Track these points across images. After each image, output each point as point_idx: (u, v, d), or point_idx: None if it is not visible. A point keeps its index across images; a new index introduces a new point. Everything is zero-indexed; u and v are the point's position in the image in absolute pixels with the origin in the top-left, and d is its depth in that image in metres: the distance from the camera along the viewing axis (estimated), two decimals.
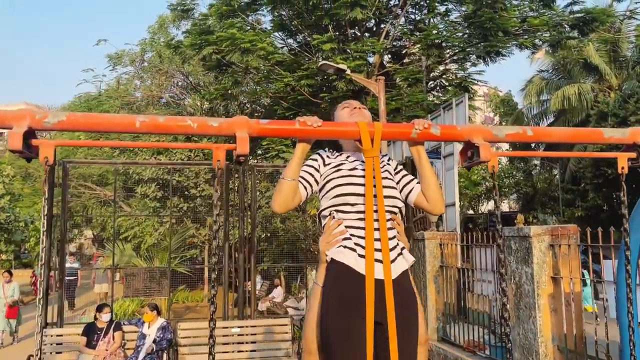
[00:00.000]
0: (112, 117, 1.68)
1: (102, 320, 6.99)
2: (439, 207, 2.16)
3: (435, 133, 1.92)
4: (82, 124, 1.67)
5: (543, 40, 13.49)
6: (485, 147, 1.88)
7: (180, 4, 14.40)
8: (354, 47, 11.78)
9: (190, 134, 1.76)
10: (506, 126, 2.07)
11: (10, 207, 17.81)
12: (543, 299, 5.41)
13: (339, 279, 2.00)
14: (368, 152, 1.93)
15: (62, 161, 7.52)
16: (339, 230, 2.06)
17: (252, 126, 1.78)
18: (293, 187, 2.01)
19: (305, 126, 1.84)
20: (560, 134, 2.01)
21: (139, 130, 1.71)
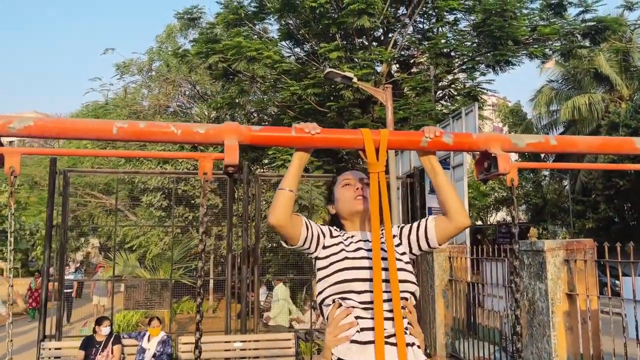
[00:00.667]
0: (87, 122, 1.50)
1: (102, 333, 6.79)
2: (463, 219, 1.88)
3: (448, 142, 1.73)
4: (51, 130, 1.49)
5: (554, 50, 13.28)
6: (504, 158, 1.68)
7: (187, 13, 14.34)
8: (361, 55, 11.63)
9: (173, 141, 1.57)
10: (527, 135, 1.87)
11: (15, 215, 17.76)
12: (558, 317, 5.17)
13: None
14: (373, 166, 1.73)
15: (64, 170, 7.38)
16: (347, 321, 1.78)
17: (242, 133, 1.59)
18: (290, 198, 1.79)
19: (302, 133, 1.65)
20: (587, 143, 1.81)
21: (116, 137, 1.53)
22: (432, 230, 1.91)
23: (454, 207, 1.86)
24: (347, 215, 2.00)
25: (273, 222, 1.77)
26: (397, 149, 1.78)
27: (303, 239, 1.88)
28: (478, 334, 6.96)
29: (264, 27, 15.05)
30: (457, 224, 1.87)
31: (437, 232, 1.91)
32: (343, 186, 2.03)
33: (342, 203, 2.01)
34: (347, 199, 1.99)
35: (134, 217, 18.62)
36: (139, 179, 16.34)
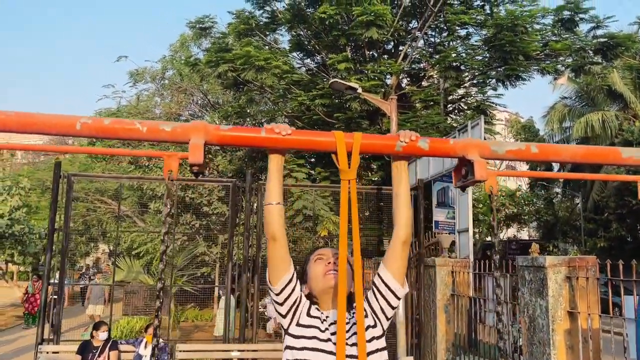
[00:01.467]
0: (50, 117, 1.48)
1: (99, 338, 6.77)
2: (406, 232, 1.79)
3: (423, 147, 1.67)
4: (14, 124, 1.46)
5: (565, 65, 13.18)
6: (481, 164, 1.62)
7: (199, 22, 14.46)
8: (370, 67, 11.62)
9: (138, 139, 1.54)
10: (507, 142, 1.81)
11: (25, 219, 17.86)
12: (558, 335, 5.05)
13: None
14: (344, 173, 1.67)
15: (68, 174, 7.41)
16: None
17: (210, 132, 1.55)
18: (280, 210, 1.74)
19: (273, 134, 1.61)
20: (570, 152, 1.74)
21: (80, 133, 1.50)
22: (388, 276, 1.82)
23: (406, 221, 1.80)
24: (318, 294, 1.88)
25: (269, 234, 1.71)
26: (371, 153, 1.73)
27: (282, 286, 1.78)
28: (479, 350, 6.84)
29: (274, 38, 15.14)
30: (402, 237, 1.80)
31: (392, 273, 1.81)
32: (315, 261, 1.93)
33: (314, 280, 1.90)
34: (318, 275, 1.88)
35: (143, 224, 18.68)
36: (147, 186, 16.42)
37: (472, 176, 1.65)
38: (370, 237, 12.35)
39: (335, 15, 11.23)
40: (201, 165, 1.52)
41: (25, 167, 31.23)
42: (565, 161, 1.74)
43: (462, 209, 8.50)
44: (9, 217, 16.92)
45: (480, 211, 25.73)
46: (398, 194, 1.81)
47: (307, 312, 1.84)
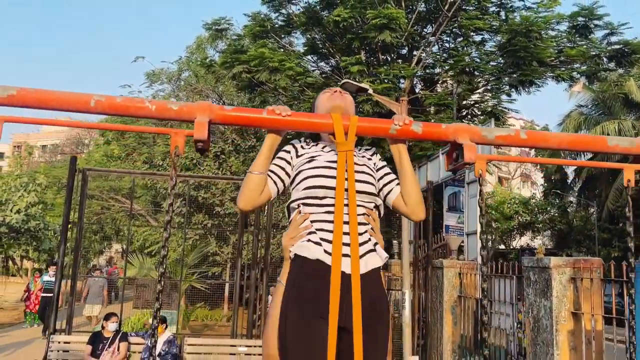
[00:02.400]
0: (67, 94, 1.59)
1: (109, 329, 6.92)
2: (418, 212, 1.95)
3: (417, 130, 1.76)
4: (33, 100, 1.58)
5: (580, 72, 13.14)
6: (470, 148, 1.71)
7: (215, 24, 14.65)
8: (383, 70, 11.70)
9: (147, 117, 1.65)
10: (497, 128, 1.89)
11: (40, 215, 18.18)
12: (562, 336, 5.07)
13: (301, 275, 1.83)
14: (341, 145, 1.78)
15: (83, 168, 7.58)
16: (304, 225, 1.88)
17: (214, 112, 1.66)
18: (261, 181, 1.85)
19: (273, 115, 1.71)
20: (558, 139, 1.82)
21: (94, 109, 1.61)
22: (392, 197, 2.00)
23: (413, 200, 1.93)
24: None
25: (240, 207, 1.86)
26: (367, 136, 1.82)
27: (276, 192, 1.97)
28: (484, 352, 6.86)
29: (290, 40, 15.27)
30: (411, 214, 1.97)
31: (394, 202, 1.99)
32: (323, 93, 2.12)
33: (321, 107, 2.06)
34: (325, 100, 2.05)
35: (156, 223, 18.91)
36: (160, 185, 16.63)
37: (462, 159, 1.73)
38: None
39: (350, 18, 11.34)
40: (205, 141, 1.62)
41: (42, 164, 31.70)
42: (553, 147, 1.82)
43: (472, 212, 8.54)
44: (25, 212, 17.25)
45: (493, 218, 25.61)
46: (405, 178, 1.92)
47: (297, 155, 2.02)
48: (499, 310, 6.57)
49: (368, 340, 1.72)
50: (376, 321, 1.81)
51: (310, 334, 1.72)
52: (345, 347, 1.71)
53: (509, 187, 41.99)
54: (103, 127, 1.61)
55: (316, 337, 1.69)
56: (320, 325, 1.70)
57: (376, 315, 1.81)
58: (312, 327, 1.73)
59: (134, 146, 20.91)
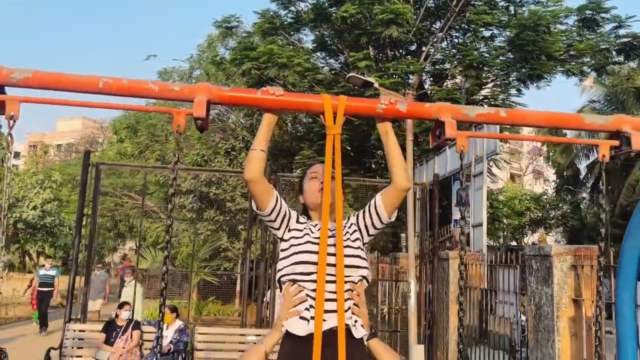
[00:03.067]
0: (76, 76, 1.74)
1: (122, 317, 7.11)
2: (404, 181, 2.01)
3: (402, 109, 1.89)
4: (48, 81, 1.73)
5: (588, 66, 13.13)
6: (451, 124, 1.83)
7: (225, 21, 14.85)
8: (390, 65, 11.80)
9: (151, 97, 1.79)
10: (478, 107, 2.01)
11: (56, 211, 18.54)
12: (563, 322, 5.16)
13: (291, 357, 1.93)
14: (329, 129, 1.90)
15: (96, 163, 7.78)
16: (299, 297, 1.98)
17: (212, 92, 1.80)
18: (262, 157, 1.97)
19: (267, 95, 1.84)
20: (536, 117, 1.93)
21: (102, 90, 1.76)
22: (380, 204, 2.08)
23: (400, 170, 2.02)
24: (312, 206, 2.17)
25: (247, 176, 1.96)
26: (355, 115, 1.94)
27: (271, 208, 2.05)
28: (489, 341, 6.96)
29: (299, 37, 15.42)
30: (398, 187, 2.03)
31: (385, 204, 2.07)
32: (310, 179, 2.19)
33: (308, 195, 2.17)
34: (312, 191, 2.15)
35: None
36: None
37: (444, 136, 1.85)
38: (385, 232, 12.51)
39: (357, 14, 11.45)
40: (204, 119, 1.76)
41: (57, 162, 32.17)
42: (532, 125, 1.93)
43: (477, 204, 8.62)
44: (41, 209, 17.60)
45: (503, 213, 25.55)
46: (389, 152, 2.03)
47: (297, 220, 2.13)
48: (503, 299, 6.67)
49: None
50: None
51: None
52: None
53: (520, 183, 41.79)
54: (109, 107, 1.68)
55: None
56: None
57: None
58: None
59: (146, 144, 21.21)
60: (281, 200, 2.10)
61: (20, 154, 50.51)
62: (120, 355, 6.76)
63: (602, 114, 27.96)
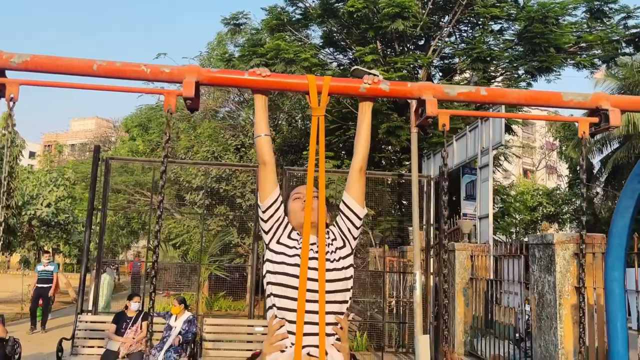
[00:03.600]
0: (72, 60, 1.83)
1: (132, 309, 7.25)
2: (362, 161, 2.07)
3: (385, 89, 1.95)
4: (45, 64, 1.82)
5: (598, 57, 13.04)
6: (432, 103, 1.89)
7: (233, 18, 14.96)
8: (397, 59, 11.83)
9: (143, 78, 1.88)
10: (459, 85, 2.07)
11: (69, 209, 18.81)
12: (565, 309, 5.19)
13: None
14: (315, 110, 1.95)
15: (106, 158, 7.93)
16: (280, 332, 1.99)
17: (201, 74, 1.88)
18: (267, 140, 2.04)
19: (254, 76, 1.92)
20: (516, 95, 1.99)
21: (96, 73, 1.85)
22: (349, 199, 2.10)
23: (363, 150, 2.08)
24: (296, 226, 2.14)
25: (263, 159, 2.02)
26: (339, 94, 2.01)
27: (269, 202, 2.06)
28: (495, 331, 6.99)
29: (307, 33, 15.49)
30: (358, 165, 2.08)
31: (352, 196, 2.09)
32: (294, 200, 2.20)
33: (292, 215, 2.16)
34: (296, 211, 2.15)
35: (179, 216, 19.37)
36: (183, 178, 17.04)
37: (426, 114, 1.91)
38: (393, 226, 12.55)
39: (363, 8, 11.49)
40: (194, 100, 1.85)
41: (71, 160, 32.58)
42: (512, 103, 1.98)
43: (484, 196, 8.64)
44: (55, 206, 17.87)
45: (515, 207, 25.40)
46: (360, 132, 2.09)
47: (289, 235, 2.11)
48: (508, 289, 6.70)
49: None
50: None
51: None
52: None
53: (533, 179, 41.52)
54: (103, 89, 1.71)
55: None
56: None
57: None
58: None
59: (157, 141, 21.43)
60: (281, 206, 2.09)
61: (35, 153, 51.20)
62: (130, 346, 6.89)
63: None
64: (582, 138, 1.98)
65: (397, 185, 12.68)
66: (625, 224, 2.50)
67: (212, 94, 22.61)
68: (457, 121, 11.18)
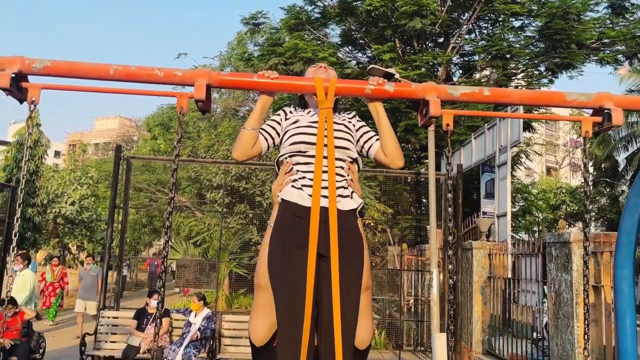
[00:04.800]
0: (90, 65, 1.92)
1: (152, 306, 7.40)
2: (397, 161, 2.21)
3: (389, 90, 2.00)
4: (65, 70, 1.91)
5: (620, 53, 12.84)
6: (435, 103, 1.93)
7: (252, 18, 15.10)
8: (415, 57, 11.81)
9: (157, 82, 1.96)
10: (462, 86, 2.11)
11: (93, 207, 19.19)
12: (582, 308, 5.15)
13: (285, 215, 2.12)
14: (322, 103, 2.04)
15: (127, 157, 8.10)
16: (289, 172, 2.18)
17: (212, 77, 1.95)
18: (252, 136, 2.16)
19: (263, 78, 1.99)
20: (519, 95, 2.02)
21: (112, 77, 1.93)
22: (373, 150, 2.29)
23: (392, 151, 2.22)
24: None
25: (235, 157, 2.18)
26: (345, 95, 2.07)
27: (267, 147, 2.27)
28: (513, 330, 6.96)
29: (325, 32, 15.54)
30: (391, 163, 2.24)
31: (375, 155, 2.28)
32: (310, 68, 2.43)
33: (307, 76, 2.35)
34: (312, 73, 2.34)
35: (200, 215, 19.60)
36: (204, 176, 17.25)
37: (430, 114, 1.96)
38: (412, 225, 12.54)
39: (381, 7, 11.50)
40: (205, 102, 1.92)
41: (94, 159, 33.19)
42: (514, 103, 2.01)
43: (502, 194, 8.60)
44: (79, 204, 18.26)
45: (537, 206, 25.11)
46: (382, 132, 2.20)
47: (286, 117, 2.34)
48: (526, 288, 6.67)
49: (344, 268, 1.97)
50: (352, 254, 2.06)
51: (292, 260, 2.00)
52: (323, 273, 1.98)
53: (556, 176, 40.96)
54: (119, 92, 1.77)
55: (297, 263, 1.97)
56: (301, 253, 1.97)
57: (352, 248, 2.07)
58: (293, 255, 2.01)
59: None
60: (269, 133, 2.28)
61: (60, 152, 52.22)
62: (151, 341, 7.04)
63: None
64: (585, 137, 2.01)
65: (415, 183, 12.66)
66: (634, 221, 2.51)
67: (233, 92, 22.83)
68: (477, 119, 11.12)
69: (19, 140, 13.22)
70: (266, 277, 2.11)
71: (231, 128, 18.73)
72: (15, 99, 1.94)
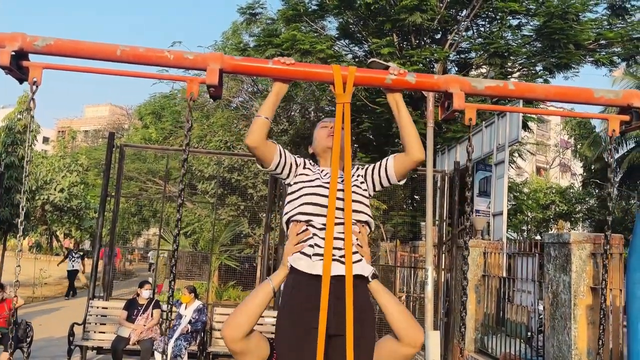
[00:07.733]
0: (95, 44, 1.81)
1: (143, 296, 7.29)
2: (418, 153, 2.06)
3: (411, 81, 1.91)
4: (68, 48, 1.80)
5: (617, 55, 12.84)
6: (459, 96, 1.85)
7: (249, 8, 14.90)
8: (413, 52, 11.72)
9: (166, 65, 1.85)
10: (486, 79, 2.02)
11: (82, 194, 18.93)
12: (580, 310, 5.12)
13: (295, 290, 2.01)
14: (339, 97, 1.93)
15: (120, 144, 7.95)
16: (303, 233, 2.05)
17: (225, 61, 1.85)
18: (265, 124, 2.04)
19: (279, 64, 1.88)
20: (545, 90, 1.94)
21: (119, 58, 1.82)
22: (391, 167, 2.14)
23: (412, 142, 2.06)
24: (320, 152, 2.27)
25: (248, 142, 2.03)
26: (364, 85, 1.98)
27: (275, 163, 2.13)
28: (506, 329, 6.94)
29: (322, 24, 15.39)
30: (413, 158, 2.07)
31: (396, 168, 2.13)
32: (320, 128, 2.30)
33: (317, 141, 2.28)
34: (321, 137, 2.26)
35: (191, 205, 19.44)
36: (196, 167, 17.09)
37: (452, 107, 1.87)
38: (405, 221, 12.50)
39: (381, 0, 11.38)
40: (217, 87, 1.81)
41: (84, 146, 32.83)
42: (540, 98, 1.93)
43: (498, 193, 8.56)
44: (68, 191, 18.01)
45: (527, 205, 25.23)
46: (402, 124, 2.07)
47: (304, 166, 2.22)
48: (521, 287, 6.64)
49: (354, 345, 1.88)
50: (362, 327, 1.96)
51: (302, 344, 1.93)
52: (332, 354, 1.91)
53: (546, 176, 41.18)
54: (126, 74, 1.69)
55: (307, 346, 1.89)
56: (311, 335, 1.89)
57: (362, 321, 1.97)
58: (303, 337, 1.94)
59: (170, 130, 21.48)
60: (285, 153, 2.18)
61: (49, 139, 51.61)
62: (141, 333, 6.93)
63: None
64: (611, 137, 1.93)
65: (409, 179, 12.63)
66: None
67: (226, 83, 22.59)
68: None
69: (8, 125, 12.94)
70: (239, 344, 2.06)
71: (224, 119, 18.55)
72: (15, 79, 1.83)
